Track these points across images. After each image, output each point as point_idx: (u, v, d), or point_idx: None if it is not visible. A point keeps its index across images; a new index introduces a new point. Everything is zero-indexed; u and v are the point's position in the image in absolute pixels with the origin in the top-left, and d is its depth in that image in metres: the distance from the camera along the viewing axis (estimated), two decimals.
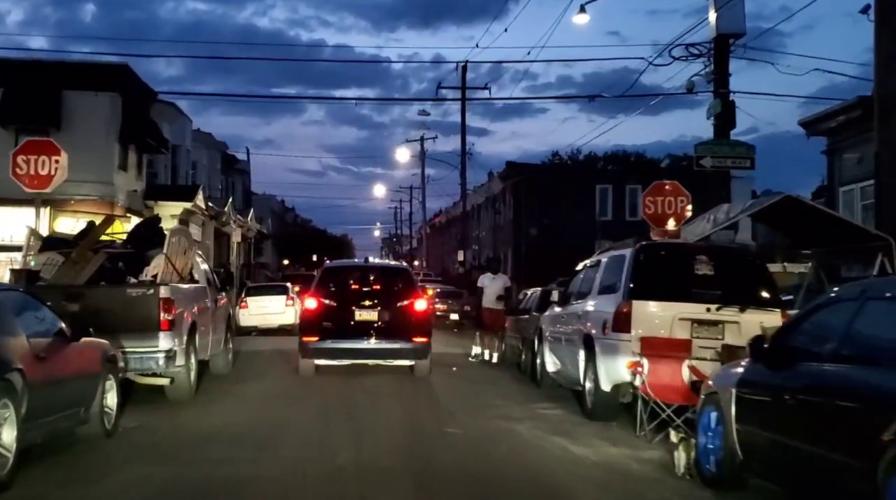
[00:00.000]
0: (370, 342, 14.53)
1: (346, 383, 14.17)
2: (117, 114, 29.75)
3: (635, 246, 11.06)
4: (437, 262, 75.61)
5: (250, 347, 21.60)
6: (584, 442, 9.58)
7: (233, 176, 51.74)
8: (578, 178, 49.50)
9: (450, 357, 19.72)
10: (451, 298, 35.02)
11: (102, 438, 9.07)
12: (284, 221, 77.83)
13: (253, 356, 18.92)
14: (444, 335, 30.34)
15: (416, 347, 14.56)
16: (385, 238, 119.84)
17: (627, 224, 48.94)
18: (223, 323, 15.03)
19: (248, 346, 21.93)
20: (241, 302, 28.29)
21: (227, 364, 15.39)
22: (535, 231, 48.12)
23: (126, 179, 31.05)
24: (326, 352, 14.67)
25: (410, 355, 14.69)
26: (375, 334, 14.52)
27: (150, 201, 33.04)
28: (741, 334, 10.20)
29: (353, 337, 14.50)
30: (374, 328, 14.54)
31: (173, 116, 35.86)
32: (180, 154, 38.23)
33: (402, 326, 14.53)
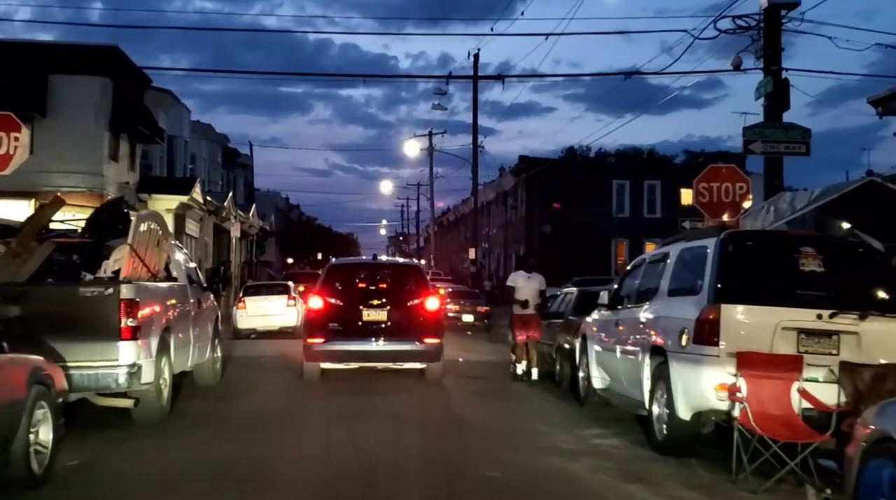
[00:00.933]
0: (379, 344, 13.29)
1: (353, 402, 11.82)
2: (107, 99, 27.46)
3: (722, 234, 8.62)
4: (444, 261, 73.23)
5: (246, 352, 19.26)
6: (668, 492, 7.20)
7: (235, 171, 49.38)
8: (594, 173, 47.13)
9: (469, 367, 17.37)
10: (464, 298, 32.63)
11: (29, 485, 6.74)
12: (289, 219, 75.51)
13: (248, 364, 16.58)
14: (458, 339, 27.96)
15: (428, 349, 13.36)
16: (391, 236, 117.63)
17: (645, 222, 46.64)
18: (209, 328, 12.68)
19: (243, 351, 19.59)
20: (239, 302, 25.95)
21: (215, 375, 13.05)
22: (549, 228, 45.76)
23: (117, 171, 28.74)
24: (332, 355, 13.33)
25: (422, 357, 13.45)
26: (384, 336, 13.29)
27: (144, 195, 30.74)
28: (862, 349, 7.86)
29: (361, 338, 13.24)
30: (382, 329, 13.30)
31: (169, 104, 33.52)
32: (177, 146, 35.90)
33: (413, 326, 13.31)
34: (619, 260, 46.71)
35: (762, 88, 18.40)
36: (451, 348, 23.46)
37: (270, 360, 17.44)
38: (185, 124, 36.44)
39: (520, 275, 15.08)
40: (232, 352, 18.71)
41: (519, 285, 14.70)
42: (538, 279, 14.92)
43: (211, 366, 12.81)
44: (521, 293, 14.54)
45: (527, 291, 14.56)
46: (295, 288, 27.13)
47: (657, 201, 46.72)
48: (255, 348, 20.86)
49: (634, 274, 10.77)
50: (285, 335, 25.42)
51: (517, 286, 14.68)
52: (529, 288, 14.61)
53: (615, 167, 48.21)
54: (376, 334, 13.24)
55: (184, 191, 31.27)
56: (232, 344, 22.13)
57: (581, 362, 11.96)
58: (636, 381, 9.42)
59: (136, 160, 30.58)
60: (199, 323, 11.84)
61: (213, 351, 12.85)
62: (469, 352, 21.38)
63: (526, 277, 14.86)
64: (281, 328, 25.85)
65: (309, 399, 12.14)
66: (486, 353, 21.34)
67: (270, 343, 22.68)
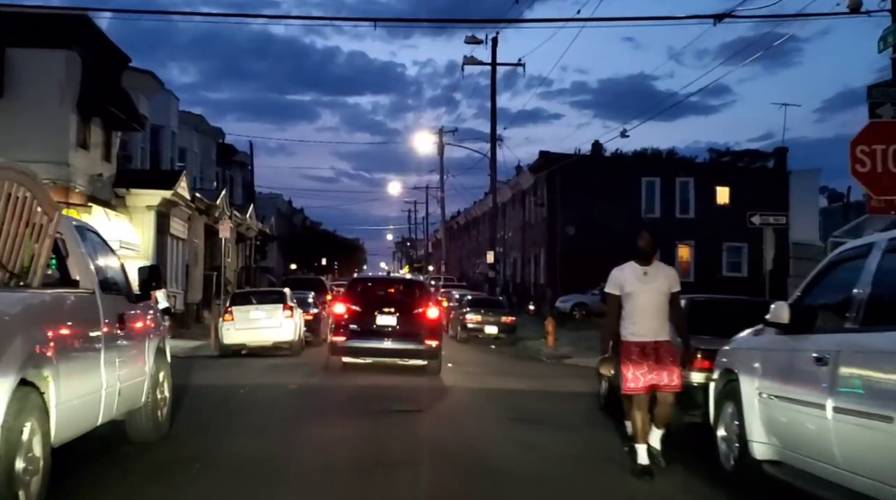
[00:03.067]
0: (389, 343, 15.66)
1: None
2: (74, 77, 23.14)
3: None
4: (454, 266, 68.73)
5: (224, 377, 14.79)
6: None
7: (232, 170, 44.87)
8: (621, 170, 42.59)
9: (507, 397, 12.92)
10: (485, 307, 28.15)
11: None
12: (292, 223, 71.05)
13: (221, 398, 12.07)
14: (480, 355, 23.48)
15: (429, 348, 15.59)
16: (398, 242, 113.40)
17: (678, 222, 42.15)
18: (144, 357, 8.19)
19: (221, 375, 15.11)
20: (226, 313, 21.48)
21: (157, 426, 8.55)
22: (573, 230, 41.24)
23: (87, 160, 24.37)
24: (352, 350, 15.81)
25: (423, 355, 15.71)
26: (393, 336, 15.63)
27: (122, 189, 26.37)
28: None
29: (375, 338, 15.64)
30: (392, 331, 15.66)
31: (152, 88, 29.13)
32: (163, 137, 31.51)
33: (417, 330, 15.61)
34: None
35: (890, 36, 13.96)
36: (477, 369, 19.06)
37: (254, 391, 12.96)
38: (171, 113, 32.06)
39: (629, 271, 7.88)
40: (205, 377, 14.27)
41: (630, 289, 7.80)
42: (666, 276, 7.91)
43: (149, 413, 8.34)
44: (636, 304, 7.76)
45: (646, 298, 7.78)
46: (292, 296, 22.68)
47: (690, 201, 42.21)
48: (238, 371, 16.39)
49: (843, 276, 6.20)
50: (280, 353, 21.02)
51: (629, 291, 7.81)
52: (650, 294, 7.79)
53: (644, 164, 43.64)
54: (387, 335, 15.64)
55: (167, 185, 26.88)
56: (210, 365, 17.66)
57: (722, 415, 7.46)
58: (879, 458, 4.98)
59: (111, 150, 26.18)
60: (121, 352, 7.38)
61: (152, 391, 8.38)
62: (500, 375, 16.90)
63: (641, 273, 7.81)
64: (275, 344, 21.48)
65: (302, 471, 7.62)
66: (520, 375, 16.92)
67: (260, 364, 18.24)
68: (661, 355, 7.71)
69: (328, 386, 13.98)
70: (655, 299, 7.79)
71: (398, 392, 13.08)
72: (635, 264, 7.90)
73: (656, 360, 7.67)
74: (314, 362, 19.08)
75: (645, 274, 7.82)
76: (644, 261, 7.88)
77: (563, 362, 22.34)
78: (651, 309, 7.76)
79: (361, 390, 13.19)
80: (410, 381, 14.94)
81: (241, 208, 40.72)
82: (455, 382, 15.10)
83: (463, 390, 13.90)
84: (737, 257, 42.35)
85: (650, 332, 7.74)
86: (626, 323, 7.83)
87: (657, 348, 7.71)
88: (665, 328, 7.82)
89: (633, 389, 7.69)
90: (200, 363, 18.59)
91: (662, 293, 7.82)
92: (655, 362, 7.66)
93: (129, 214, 26.40)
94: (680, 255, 42.51)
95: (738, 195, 42.23)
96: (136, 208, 26.59)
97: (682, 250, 42.49)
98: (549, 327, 25.53)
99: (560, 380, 16.28)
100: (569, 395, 13.63)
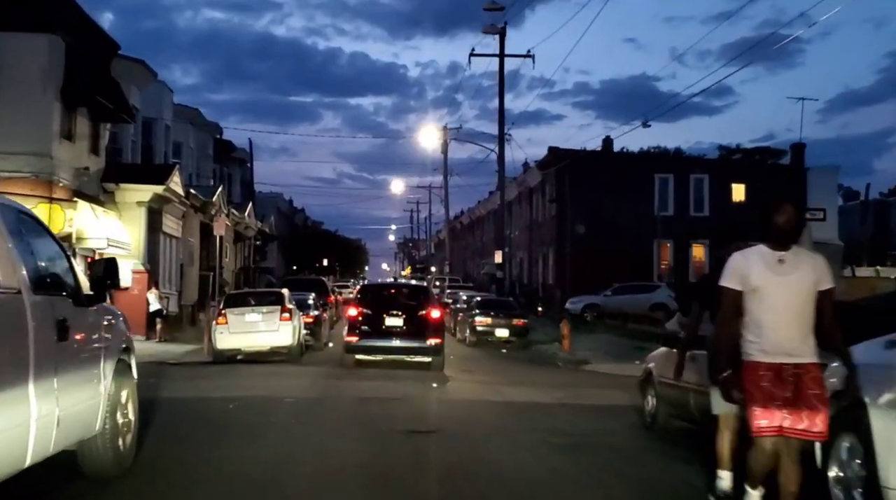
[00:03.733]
0: (396, 342, 16.90)
1: None
2: (58, 63, 21.49)
3: None
4: (458, 267, 67.01)
5: (211, 389, 13.06)
6: None
7: (230, 167, 43.14)
8: (633, 166, 40.91)
9: (533, 413, 11.23)
10: (496, 309, 26.45)
11: None
12: (293, 223, 69.32)
13: (205, 415, 10.38)
14: (492, 360, 21.83)
15: (432, 346, 16.80)
16: (400, 243, 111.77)
17: (692, 220, 40.46)
18: (100, 375, 6.49)
19: (209, 387, 13.39)
20: (219, 316, 19.79)
21: (119, 458, 6.86)
22: (583, 228, 39.53)
23: (73, 153, 22.70)
24: (363, 348, 17.04)
25: (427, 352, 16.84)
26: (400, 336, 16.87)
27: (110, 184, 24.70)
28: None
29: (384, 337, 16.90)
30: (399, 331, 16.89)
31: (143, 78, 27.45)
32: (156, 130, 29.82)
33: (421, 329, 16.79)
34: (663, 264, 40.50)
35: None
36: (488, 375, 17.39)
37: (245, 406, 11.24)
38: (165, 105, 30.37)
39: (757, 258, 5.35)
40: (193, 388, 12.60)
41: (758, 283, 5.25)
42: (812, 266, 5.31)
43: (107, 443, 6.64)
44: (768, 304, 5.23)
45: (783, 296, 5.23)
46: (290, 298, 20.98)
47: (705, 198, 40.48)
48: (230, 380, 14.67)
49: None
50: (279, 359, 19.36)
51: (755, 288, 5.26)
52: (788, 291, 5.23)
53: (659, 160, 41.90)
54: (395, 335, 16.83)
55: (159, 180, 25.19)
56: (200, 373, 15.99)
57: (835, 450, 5.71)
58: None
59: (99, 142, 24.50)
60: (61, 369, 5.68)
61: (111, 415, 6.68)
62: (519, 384, 15.24)
63: (775, 260, 5.27)
64: (273, 349, 19.79)
65: None
66: (542, 384, 15.27)
67: (255, 371, 16.56)
68: (803, 386, 5.15)
69: (329, 398, 12.31)
70: (796, 300, 5.20)
71: (407, 407, 11.41)
72: (766, 248, 5.30)
73: (796, 392, 5.14)
74: (314, 368, 17.40)
75: (781, 262, 5.22)
76: (781, 244, 5.27)
77: (581, 369, 20.67)
78: (790, 313, 5.21)
79: (366, 404, 11.52)
80: (419, 391, 13.28)
81: (240, 207, 39.05)
82: (470, 393, 13.43)
83: (480, 404, 12.22)
84: None
85: (788, 349, 5.19)
86: (751, 334, 5.26)
87: (799, 375, 5.17)
88: (810, 344, 5.26)
89: (765, 430, 5.13)
90: (190, 371, 16.92)
91: (806, 291, 5.22)
92: (795, 395, 5.13)
93: (119, 211, 24.72)
94: (694, 255, 40.80)
95: (754, 193, 40.57)
96: (126, 205, 24.91)
97: (696, 249, 40.78)
98: (565, 330, 23.84)
99: (585, 390, 14.59)
100: (603, 410, 11.95)
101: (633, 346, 26.05)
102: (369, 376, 16.16)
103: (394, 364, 16.90)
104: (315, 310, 24.25)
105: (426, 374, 16.19)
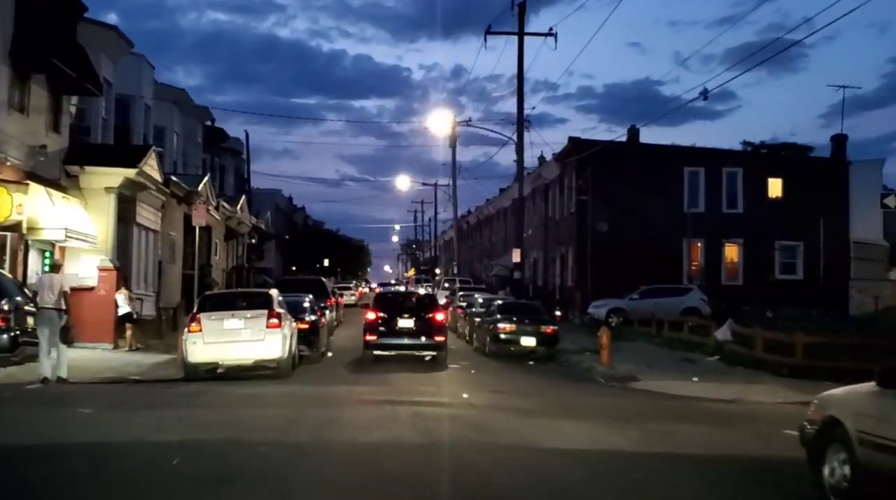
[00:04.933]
0: (407, 340, 19.24)
1: None
2: (6, 16, 17.84)
3: None
4: (464, 269, 63.18)
5: (159, 428, 9.22)
6: None
7: (222, 157, 39.18)
8: (661, 159, 37.00)
9: (620, 472, 7.42)
10: (521, 314, 22.58)
11: None
12: (292, 222, 65.43)
13: (124, 486, 6.58)
14: (522, 375, 18.10)
15: (437, 343, 19.27)
16: (404, 244, 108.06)
17: (724, 218, 36.63)
18: None
19: (155, 424, 9.54)
20: (192, 322, 15.95)
21: None
22: (606, 226, 35.69)
23: (26, 127, 18.96)
24: (381, 346, 19.24)
25: (433, 348, 19.31)
26: (410, 335, 19.26)
27: (74, 166, 20.91)
28: None
29: (397, 336, 19.27)
30: (410, 331, 19.29)
31: (117, 48, 23.66)
32: (134, 110, 26.00)
33: (428, 330, 19.28)
34: (693, 264, 36.64)
35: None
36: (525, 398, 13.55)
37: (196, 460, 7.41)
38: (144, 82, 26.54)
39: None
40: (137, 423, 8.88)
41: None
42: None
43: None
44: None
45: None
46: (280, 300, 17.16)
47: (738, 194, 36.62)
48: (192, 409, 10.81)
49: None
50: (264, 375, 15.63)
51: None
52: None
53: (686, 152, 38.00)
54: (406, 334, 19.32)
55: (130, 163, 21.38)
56: (158, 398, 12.21)
57: None
58: None
59: (60, 118, 20.72)
60: None
61: None
62: (571, 415, 11.43)
63: None
64: (257, 363, 16.03)
65: None
66: (603, 415, 11.39)
67: (230, 395, 12.73)
68: None
69: (322, 444, 8.52)
70: None
71: (435, 461, 7.65)
72: None
73: None
74: (308, 390, 13.61)
75: None
76: None
77: (630, 387, 16.88)
78: None
79: (376, 456, 7.76)
80: (448, 428, 9.53)
81: (233, 201, 35.21)
82: (517, 433, 9.60)
83: (538, 455, 8.37)
84: (791, 256, 36.80)
85: None
86: None
87: None
88: None
89: None
90: (148, 393, 13.08)
91: None
92: None
93: (84, 198, 20.94)
94: (727, 255, 36.97)
95: (792, 188, 36.77)
96: (92, 191, 21.13)
97: (728, 249, 36.94)
98: (604, 338, 20.02)
99: (666, 425, 10.75)
100: (724, 467, 8.10)
101: (678, 357, 22.34)
102: (377, 397, 12.41)
103: (409, 386, 13.23)
104: (311, 314, 20.45)
105: (452, 399, 12.47)
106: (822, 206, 35.91)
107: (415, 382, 15.98)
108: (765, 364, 19.51)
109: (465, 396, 13.44)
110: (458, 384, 15.67)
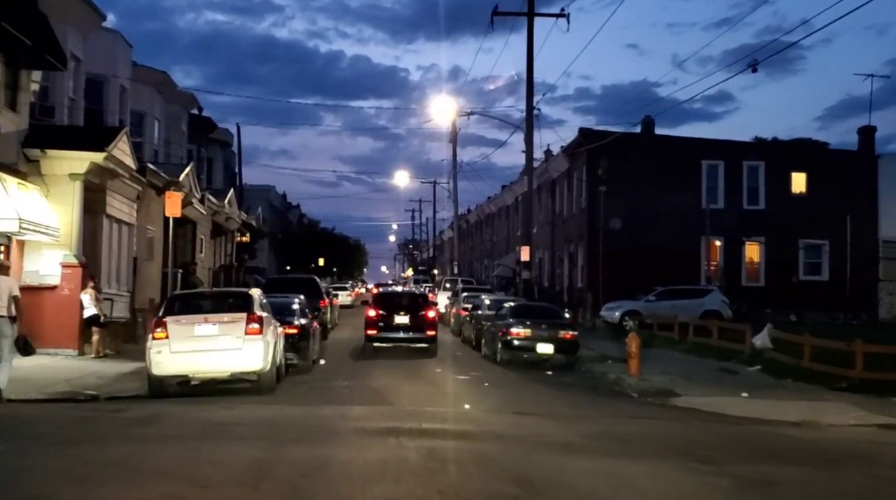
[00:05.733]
0: (402, 334, 21.14)
1: None
2: None
3: None
4: (464, 269, 60.55)
5: (89, 473, 6.59)
6: None
7: (210, 149, 36.45)
8: (678, 151, 34.47)
9: None
10: (537, 318, 19.99)
11: None
12: (287, 220, 62.78)
13: None
14: (542, 389, 15.62)
15: (429, 337, 21.21)
16: (401, 244, 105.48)
17: (746, 215, 34.05)
18: None
19: (83, 468, 6.89)
20: (157, 326, 13.32)
21: None
22: (619, 223, 33.16)
23: None
24: (380, 339, 21.12)
25: (426, 341, 21.16)
26: (406, 330, 21.16)
27: (34, 150, 18.26)
28: None
29: (394, 331, 21.15)
30: (405, 326, 21.15)
31: (86, 21, 20.99)
32: (108, 93, 23.34)
33: (421, 325, 21.15)
34: (712, 264, 34.08)
35: None
36: (558, 424, 10.77)
37: None
38: (120, 62, 23.87)
39: None
40: (63, 464, 6.22)
41: None
42: None
43: None
44: None
45: None
46: (262, 302, 14.54)
47: (760, 189, 34.12)
48: (135, 445, 8.16)
49: None
50: (242, 389, 13.06)
51: None
52: None
53: (705, 144, 35.47)
54: (402, 329, 21.15)
55: (98, 146, 18.74)
56: (107, 424, 9.59)
57: None
58: None
59: (17, 95, 18.04)
60: None
61: None
62: (631, 454, 8.80)
63: None
64: (234, 375, 13.45)
65: None
66: (673, 451, 8.74)
67: (194, 419, 10.09)
68: None
69: None
70: None
71: None
72: None
73: None
74: (290, 411, 11.02)
75: None
76: None
77: (671, 404, 14.31)
78: None
79: None
80: (474, 490, 6.93)
81: (220, 194, 32.56)
82: (566, 487, 6.98)
83: None
84: (816, 256, 34.29)
85: None
86: None
87: None
88: None
89: None
90: (90, 420, 10.36)
91: None
92: None
93: (46, 186, 18.32)
94: (747, 254, 34.42)
95: (816, 183, 34.28)
96: (55, 178, 18.50)
97: (749, 248, 34.40)
98: (633, 346, 17.45)
99: (761, 465, 8.16)
100: None
101: (713, 367, 19.76)
102: (378, 423, 9.87)
103: (413, 412, 10.61)
104: (301, 318, 17.87)
105: (472, 427, 9.90)
106: (849, 202, 33.45)
107: (421, 397, 13.44)
108: (817, 376, 17.01)
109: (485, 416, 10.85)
110: (472, 402, 13.13)
